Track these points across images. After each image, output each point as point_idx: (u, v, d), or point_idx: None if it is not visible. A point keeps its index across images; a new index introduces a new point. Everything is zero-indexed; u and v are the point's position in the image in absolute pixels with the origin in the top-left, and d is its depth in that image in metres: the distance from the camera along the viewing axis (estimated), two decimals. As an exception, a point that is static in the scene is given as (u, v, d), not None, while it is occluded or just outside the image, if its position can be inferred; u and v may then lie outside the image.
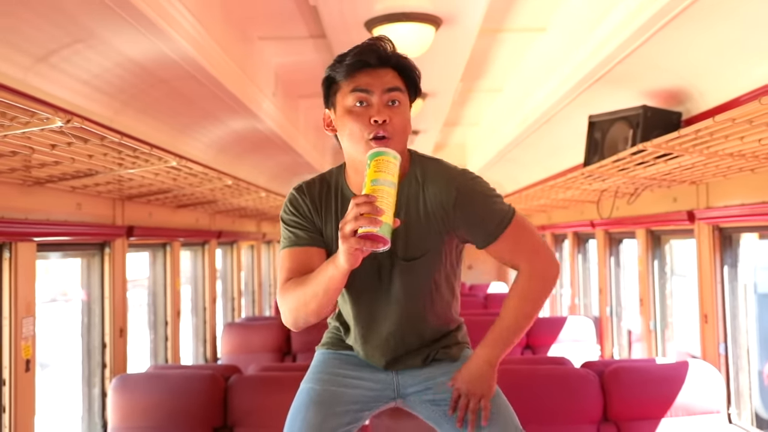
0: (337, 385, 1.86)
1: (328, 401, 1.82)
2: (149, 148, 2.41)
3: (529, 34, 4.45)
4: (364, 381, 1.88)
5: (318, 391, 1.83)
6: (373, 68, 1.64)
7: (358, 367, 1.90)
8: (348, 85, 1.64)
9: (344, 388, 1.86)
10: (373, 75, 1.64)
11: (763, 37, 2.52)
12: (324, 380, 1.86)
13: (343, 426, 1.82)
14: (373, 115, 1.60)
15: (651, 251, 4.34)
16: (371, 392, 1.89)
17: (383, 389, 1.89)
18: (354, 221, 1.41)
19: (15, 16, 2.26)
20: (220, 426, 3.15)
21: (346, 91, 1.65)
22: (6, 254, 2.64)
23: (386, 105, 1.64)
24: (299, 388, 1.88)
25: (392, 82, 1.66)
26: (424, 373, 1.86)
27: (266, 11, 3.93)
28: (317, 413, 1.79)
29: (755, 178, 2.93)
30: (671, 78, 3.26)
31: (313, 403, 1.81)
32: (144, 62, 3.00)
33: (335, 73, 1.67)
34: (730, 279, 3.36)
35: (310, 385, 1.86)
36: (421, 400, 1.87)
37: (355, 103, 1.63)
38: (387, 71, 1.66)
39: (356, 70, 1.64)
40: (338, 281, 1.56)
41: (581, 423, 3.06)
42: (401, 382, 1.89)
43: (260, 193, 4.83)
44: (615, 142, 3.59)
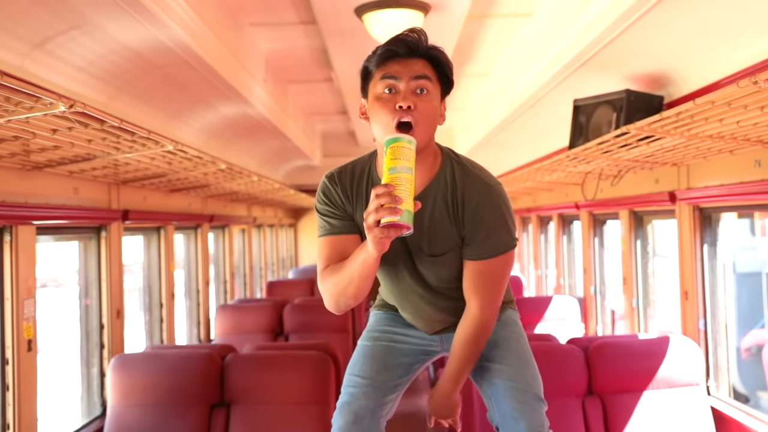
0: (388, 341, 1.99)
1: (381, 356, 1.96)
2: (147, 133, 2.41)
3: (515, 20, 4.46)
4: (412, 337, 2.01)
5: (371, 347, 1.98)
6: (402, 57, 1.68)
7: (406, 325, 2.02)
8: (378, 73, 1.69)
9: (395, 343, 1.99)
10: (402, 63, 1.67)
11: (740, 23, 2.56)
12: (376, 338, 2.00)
13: (396, 378, 1.96)
14: (399, 101, 1.63)
15: (634, 232, 4.40)
16: (419, 347, 2.02)
17: (430, 344, 2.02)
18: (375, 212, 1.46)
19: (12, 3, 2.26)
20: (217, 403, 3.20)
21: (377, 79, 1.69)
22: (7, 237, 2.66)
23: (413, 92, 1.66)
24: (357, 344, 2.04)
25: (421, 71, 1.68)
26: None
27: None
28: (371, 367, 1.93)
29: (734, 159, 2.97)
30: (653, 63, 3.30)
31: (366, 357, 1.95)
32: (138, 48, 3.01)
33: (369, 63, 1.72)
34: (709, 257, 3.41)
35: (364, 342, 2.01)
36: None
37: (384, 90, 1.66)
38: (417, 60, 1.69)
39: (387, 59, 1.68)
40: (371, 266, 1.63)
41: (567, 396, 3.10)
42: (445, 338, 2.01)
43: (252, 178, 4.84)
44: (599, 125, 3.63)
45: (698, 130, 2.56)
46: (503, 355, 1.92)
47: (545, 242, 7.44)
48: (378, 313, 2.11)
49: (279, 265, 10.35)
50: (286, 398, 3.16)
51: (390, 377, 1.96)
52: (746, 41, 2.64)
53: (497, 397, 1.90)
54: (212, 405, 3.20)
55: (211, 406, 3.19)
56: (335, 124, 8.63)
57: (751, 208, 3.13)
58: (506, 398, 1.87)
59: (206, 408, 3.17)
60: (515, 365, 1.90)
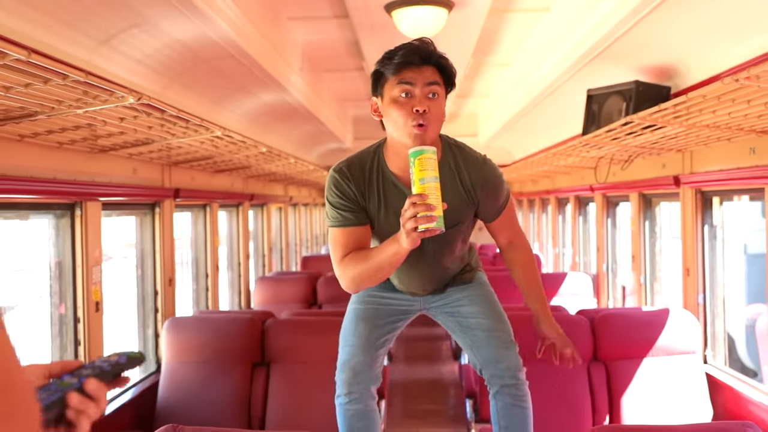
0: (376, 304, 2.17)
1: (371, 317, 2.15)
2: (199, 120, 2.58)
3: (534, 14, 4.48)
4: (397, 300, 2.20)
5: (363, 309, 2.16)
6: (416, 66, 1.80)
7: (390, 290, 2.19)
8: (395, 78, 1.80)
9: (382, 306, 2.18)
10: (416, 71, 1.79)
11: (741, 20, 2.58)
12: (366, 302, 2.17)
13: (384, 335, 2.17)
14: (416, 105, 1.76)
15: (643, 213, 4.43)
16: (403, 307, 2.21)
17: (412, 304, 2.22)
18: (414, 220, 1.60)
19: (82, 4, 2.38)
20: (258, 362, 3.30)
21: (393, 83, 1.80)
22: (78, 212, 2.82)
23: (426, 97, 1.79)
24: (348, 308, 2.21)
25: (432, 77, 1.81)
26: (445, 294, 2.21)
27: None
28: (364, 328, 2.12)
29: (731, 146, 3.01)
30: (661, 56, 3.31)
31: (359, 320, 2.14)
32: (189, 43, 3.11)
33: (384, 68, 1.84)
34: (709, 237, 3.47)
35: (356, 305, 2.18)
36: (441, 312, 2.23)
37: (400, 94, 1.79)
38: (428, 68, 1.81)
39: (403, 67, 1.79)
40: (401, 258, 1.78)
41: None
42: (426, 300, 2.22)
43: (289, 160, 4.94)
44: (610, 113, 3.64)
45: (695, 120, 2.63)
46: (481, 310, 2.15)
47: (563, 222, 7.45)
48: None
49: (312, 241, 10.42)
50: (320, 359, 3.21)
51: (380, 335, 2.15)
52: (745, 37, 2.65)
53: (479, 344, 2.12)
54: (254, 364, 3.30)
55: (253, 365, 3.29)
56: (366, 109, 8.33)
57: (747, 192, 3.18)
58: (488, 344, 2.10)
59: (249, 366, 3.27)
60: (492, 317, 2.14)
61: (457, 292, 2.21)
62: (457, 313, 2.19)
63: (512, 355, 2.12)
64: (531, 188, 8.83)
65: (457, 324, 2.20)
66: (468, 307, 2.18)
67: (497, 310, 2.19)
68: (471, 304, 2.18)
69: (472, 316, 2.16)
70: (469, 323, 2.16)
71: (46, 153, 2.51)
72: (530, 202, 9.47)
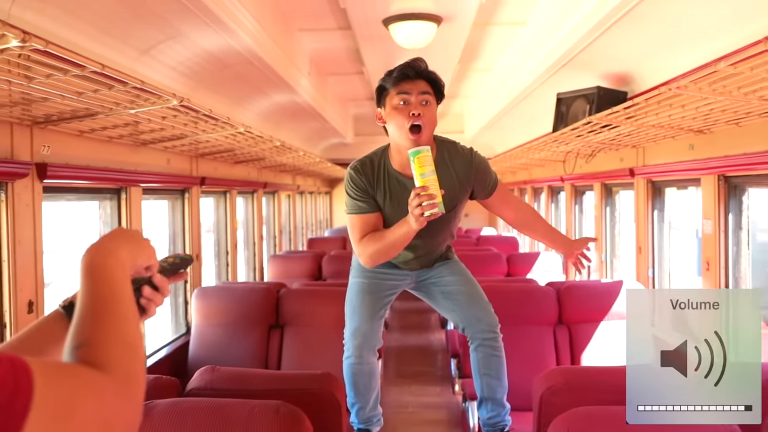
0: (377, 279, 2.27)
1: (375, 290, 2.27)
2: (226, 119, 2.74)
3: (512, 27, 4.52)
4: (393, 275, 2.30)
5: (366, 283, 2.27)
6: (411, 79, 1.97)
7: (388, 266, 2.27)
8: (394, 90, 1.98)
9: (381, 280, 2.28)
10: (412, 83, 1.97)
11: (684, 35, 2.70)
12: (368, 276, 2.27)
13: (384, 305, 2.29)
14: (412, 110, 1.93)
15: (604, 200, 4.55)
16: (397, 281, 2.32)
17: (405, 279, 2.33)
18: (420, 208, 1.79)
19: (127, 20, 2.52)
20: (273, 325, 3.36)
21: (393, 94, 1.98)
22: (123, 195, 2.95)
23: (421, 104, 1.95)
24: (350, 282, 2.32)
25: (425, 88, 1.97)
26: (432, 269, 2.33)
27: (305, 9, 4.10)
28: (368, 299, 2.24)
29: (675, 143, 3.16)
30: (619, 65, 3.40)
31: (364, 292, 2.26)
32: (215, 52, 3.20)
33: (385, 83, 2.01)
34: (658, 221, 3.61)
35: (359, 280, 2.29)
36: (427, 284, 2.34)
37: (399, 102, 1.95)
38: (421, 81, 1.98)
39: (401, 80, 1.97)
40: (411, 237, 1.96)
41: (542, 325, 3.23)
42: (417, 275, 2.33)
43: (299, 153, 5.02)
44: (576, 114, 3.71)
45: (643, 120, 2.77)
46: (460, 279, 2.29)
47: (538, 209, 7.34)
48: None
49: (317, 225, 10.45)
50: (325, 322, 3.28)
51: (381, 306, 2.27)
52: (687, 50, 2.77)
53: (461, 308, 2.26)
54: (270, 326, 3.36)
55: (269, 327, 3.36)
56: (365, 108, 8.59)
57: (688, 182, 3.34)
58: (468, 307, 2.24)
59: (266, 328, 3.34)
60: (470, 285, 2.29)
61: (441, 266, 2.33)
62: (441, 282, 2.32)
63: (489, 314, 2.27)
64: (511, 179, 8.89)
65: (440, 292, 2.32)
66: (449, 277, 2.31)
67: (472, 279, 2.35)
68: (451, 275, 2.31)
69: (454, 284, 2.30)
70: (451, 290, 2.29)
71: (99, 146, 2.66)
72: (510, 191, 9.47)
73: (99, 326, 0.75)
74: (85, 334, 0.74)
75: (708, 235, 2.89)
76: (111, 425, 0.67)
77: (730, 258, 2.80)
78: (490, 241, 7.24)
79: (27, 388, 0.58)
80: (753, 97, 1.97)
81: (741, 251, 2.79)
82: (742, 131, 2.57)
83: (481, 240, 7.44)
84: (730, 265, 2.79)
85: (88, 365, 0.70)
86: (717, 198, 2.82)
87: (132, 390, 0.72)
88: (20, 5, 1.89)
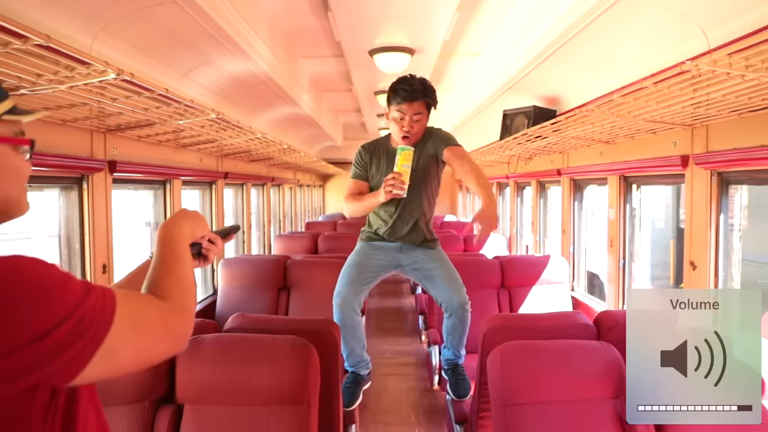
0: (367, 257, 2.28)
1: (362, 264, 2.27)
2: (249, 128, 2.90)
3: (469, 57, 4.60)
4: (381, 257, 2.29)
5: (357, 260, 2.28)
6: (409, 101, 2.01)
7: (378, 249, 2.30)
8: (395, 106, 2.05)
9: (370, 259, 2.28)
10: (409, 105, 2.02)
11: (598, 69, 2.81)
12: (361, 255, 2.29)
13: (368, 279, 2.26)
14: (404, 126, 2.05)
15: (539, 193, 4.69)
16: (384, 263, 2.30)
17: (391, 262, 2.30)
18: (391, 186, 1.94)
19: (171, 50, 2.58)
20: (282, 287, 3.47)
21: (394, 109, 2.06)
22: (168, 186, 3.05)
23: (412, 120, 2.03)
24: (348, 258, 2.31)
25: (419, 109, 2.02)
26: (415, 255, 2.30)
27: (307, 40, 4.11)
28: (355, 270, 2.24)
29: (590, 150, 3.32)
30: (550, 89, 3.49)
31: (354, 265, 2.26)
32: (237, 74, 3.27)
33: (392, 96, 2.07)
34: (577, 209, 3.79)
35: (353, 258, 2.31)
36: (411, 269, 2.31)
37: (397, 116, 2.06)
38: (418, 103, 2.02)
39: (401, 101, 2.03)
40: (376, 205, 2.09)
41: (488, 288, 3.39)
42: (402, 259, 2.30)
43: (300, 153, 5.09)
44: (518, 127, 3.79)
45: (565, 133, 2.94)
46: (440, 265, 2.28)
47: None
48: (362, 243, 2.34)
49: (312, 212, 10.42)
50: (322, 286, 3.31)
51: (365, 277, 2.23)
52: (600, 79, 2.86)
53: (440, 288, 2.25)
54: (279, 288, 3.47)
55: (278, 289, 3.47)
56: (352, 118, 8.53)
57: (599, 180, 3.45)
58: (446, 287, 2.24)
59: (276, 290, 3.46)
60: (449, 270, 2.28)
61: (424, 255, 2.29)
62: (423, 268, 2.28)
63: (462, 294, 2.25)
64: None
65: (422, 275, 2.28)
66: (430, 264, 2.27)
67: (451, 266, 2.31)
68: (432, 261, 2.28)
69: (434, 269, 2.27)
70: (432, 274, 2.26)
71: (150, 148, 2.79)
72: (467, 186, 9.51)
73: (164, 272, 0.87)
74: (155, 277, 0.86)
75: (612, 220, 3.12)
76: (170, 332, 0.80)
77: (627, 237, 3.03)
78: (451, 225, 7.43)
79: (112, 303, 0.72)
80: (639, 119, 2.19)
81: (635, 232, 3.03)
82: (635, 143, 2.78)
83: (444, 224, 7.63)
84: (627, 243, 3.03)
85: (155, 296, 0.83)
86: (618, 192, 3.04)
87: (184, 313, 0.83)
88: (99, 41, 2.04)
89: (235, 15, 2.56)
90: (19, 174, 0.79)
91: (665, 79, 1.57)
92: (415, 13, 3.28)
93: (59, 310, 0.66)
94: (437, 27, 3.51)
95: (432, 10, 3.25)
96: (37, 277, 0.66)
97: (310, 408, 1.70)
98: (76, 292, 0.68)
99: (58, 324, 0.65)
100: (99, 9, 1.96)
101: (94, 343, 0.68)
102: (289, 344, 1.77)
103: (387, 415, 3.50)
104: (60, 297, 0.66)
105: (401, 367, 4.35)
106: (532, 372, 1.73)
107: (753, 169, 1.96)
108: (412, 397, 3.74)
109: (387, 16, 3.33)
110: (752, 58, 1.33)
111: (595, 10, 2.04)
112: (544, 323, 2.09)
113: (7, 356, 0.63)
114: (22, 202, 0.80)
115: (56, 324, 0.65)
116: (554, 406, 1.71)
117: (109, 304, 0.72)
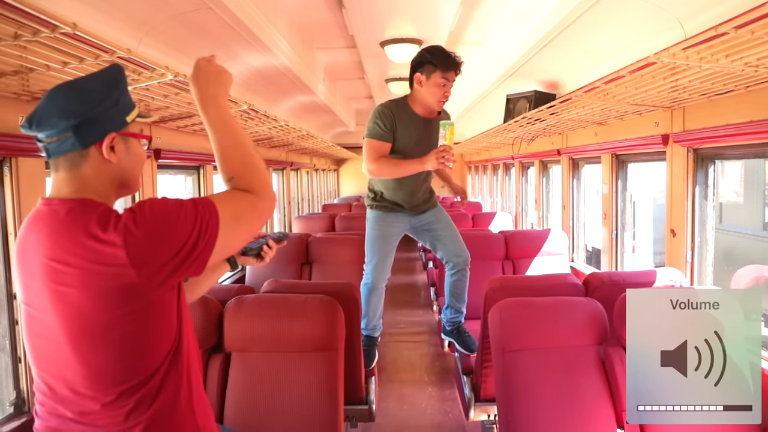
0: (388, 227, 2.38)
1: (386, 237, 2.38)
2: (273, 116, 3.11)
3: (474, 46, 4.58)
4: (397, 222, 2.42)
5: (379, 233, 2.37)
6: (452, 71, 2.14)
7: (391, 216, 2.39)
8: (440, 73, 2.13)
9: (391, 228, 2.39)
10: (451, 74, 2.14)
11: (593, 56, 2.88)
12: (381, 226, 2.39)
13: (392, 249, 2.40)
14: (447, 92, 2.14)
15: (542, 172, 4.80)
16: (400, 229, 2.43)
17: (404, 225, 2.44)
18: (444, 159, 2.02)
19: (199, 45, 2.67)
20: (305, 261, 3.65)
21: (438, 75, 2.13)
22: (201, 171, 3.24)
23: (449, 87, 2.15)
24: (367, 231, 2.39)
25: (454, 78, 2.15)
26: (423, 218, 2.44)
27: (323, 33, 4.19)
28: (382, 244, 2.36)
29: (586, 131, 3.45)
30: (550, 75, 3.51)
31: (380, 239, 2.37)
32: (259, 67, 3.36)
33: (435, 62, 2.12)
34: (576, 186, 3.92)
35: (374, 231, 2.38)
36: (421, 230, 2.46)
37: (440, 82, 2.13)
38: (455, 73, 2.16)
39: (448, 69, 2.13)
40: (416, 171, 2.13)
41: (494, 260, 3.55)
42: (413, 222, 2.44)
43: (317, 139, 5.23)
44: (520, 110, 3.83)
45: (563, 116, 3.07)
46: (445, 226, 2.45)
47: (497, 181, 7.58)
48: (375, 212, 2.40)
49: (328, 194, 10.47)
50: (341, 260, 3.56)
51: (390, 247, 2.37)
52: (597, 65, 2.92)
53: (446, 245, 2.43)
54: (302, 263, 3.65)
55: (302, 264, 3.64)
56: (364, 105, 8.53)
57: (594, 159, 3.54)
58: (451, 244, 2.43)
59: (299, 265, 3.62)
60: (452, 228, 2.46)
61: (431, 216, 2.42)
62: (431, 229, 2.43)
63: (465, 252, 2.43)
64: (477, 158, 8.96)
65: (430, 236, 2.43)
66: (437, 224, 2.42)
67: (452, 224, 2.48)
68: (438, 222, 2.43)
69: (441, 229, 2.42)
70: (439, 234, 2.42)
71: (187, 137, 2.97)
72: (476, 167, 9.56)
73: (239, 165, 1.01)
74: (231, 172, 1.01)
75: (605, 195, 3.30)
76: (260, 214, 0.99)
77: (619, 211, 3.22)
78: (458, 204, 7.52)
79: (214, 208, 0.93)
80: (623, 102, 2.38)
81: (627, 206, 3.21)
82: (625, 124, 2.93)
83: (454, 204, 7.78)
84: (619, 215, 3.21)
85: (239, 190, 0.99)
86: (611, 169, 3.21)
87: (267, 197, 1.01)
88: (143, 44, 2.28)
89: (258, 13, 2.71)
90: (143, 160, 1.05)
91: (638, 69, 1.77)
92: (422, 6, 3.36)
93: (187, 225, 0.90)
94: (443, 19, 3.57)
95: (438, 3, 3.36)
96: (169, 207, 0.90)
97: (337, 354, 1.97)
98: (191, 209, 0.91)
99: (190, 233, 0.90)
100: (144, 17, 2.19)
101: (212, 240, 0.92)
102: (318, 301, 2.02)
103: (403, 374, 3.75)
104: (185, 216, 0.90)
105: (415, 335, 4.57)
106: (527, 323, 1.92)
107: (721, 145, 2.15)
108: (425, 360, 3.97)
109: (396, 11, 3.41)
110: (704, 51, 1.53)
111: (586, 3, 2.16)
112: (538, 283, 2.31)
113: (166, 264, 0.88)
114: (139, 182, 1.07)
115: (188, 234, 0.90)
116: (546, 352, 1.92)
117: (212, 209, 0.92)
